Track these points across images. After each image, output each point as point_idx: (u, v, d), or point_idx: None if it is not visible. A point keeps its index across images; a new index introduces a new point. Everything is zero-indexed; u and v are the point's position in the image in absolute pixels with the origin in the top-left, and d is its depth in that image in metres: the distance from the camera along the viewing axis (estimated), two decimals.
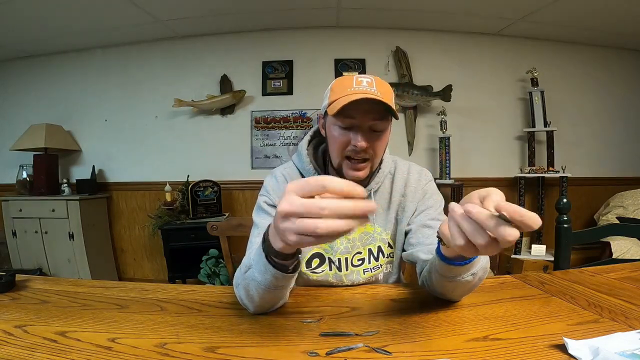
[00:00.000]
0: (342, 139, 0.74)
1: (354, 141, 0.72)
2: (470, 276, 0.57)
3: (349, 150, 0.74)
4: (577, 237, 1.11)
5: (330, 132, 0.76)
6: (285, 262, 0.53)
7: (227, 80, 2.98)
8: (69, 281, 0.82)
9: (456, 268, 0.55)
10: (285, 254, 0.51)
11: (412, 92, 2.81)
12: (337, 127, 0.74)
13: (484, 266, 0.59)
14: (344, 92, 0.70)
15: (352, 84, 0.71)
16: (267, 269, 0.53)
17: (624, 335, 0.48)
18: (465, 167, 2.94)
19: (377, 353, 0.47)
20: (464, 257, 0.53)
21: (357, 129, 0.72)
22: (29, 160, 2.83)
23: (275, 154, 2.98)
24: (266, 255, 0.53)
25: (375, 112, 0.71)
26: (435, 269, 0.59)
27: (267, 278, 0.54)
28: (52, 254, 2.72)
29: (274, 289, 0.56)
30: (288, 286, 0.59)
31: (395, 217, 0.85)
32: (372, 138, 0.73)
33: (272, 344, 0.51)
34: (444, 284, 0.60)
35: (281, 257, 0.52)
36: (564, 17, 2.60)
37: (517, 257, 2.67)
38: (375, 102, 0.68)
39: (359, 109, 0.70)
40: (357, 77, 0.72)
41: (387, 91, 0.73)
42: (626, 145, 3.09)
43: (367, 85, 0.70)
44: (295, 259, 0.54)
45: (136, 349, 0.49)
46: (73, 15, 2.47)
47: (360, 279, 0.84)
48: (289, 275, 0.54)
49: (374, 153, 0.75)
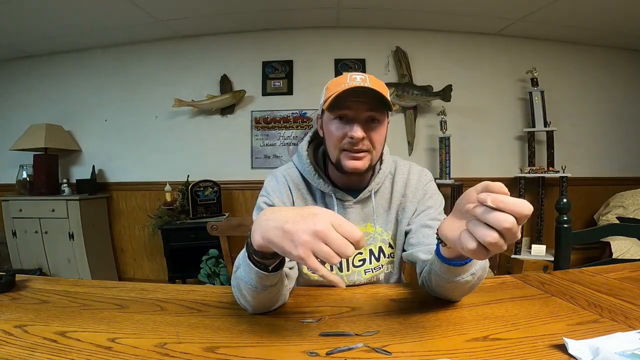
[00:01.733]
0: (338, 132, 0.74)
1: (350, 132, 0.72)
2: (470, 276, 0.57)
3: (345, 143, 0.74)
4: (577, 237, 1.11)
5: (328, 127, 0.77)
6: (265, 262, 0.53)
7: (227, 80, 2.98)
8: (69, 281, 0.82)
9: (455, 268, 0.55)
10: (264, 253, 0.51)
11: (412, 92, 2.81)
12: (334, 122, 0.75)
13: (483, 266, 0.59)
14: (338, 88, 0.71)
15: (345, 80, 0.72)
16: (251, 268, 0.54)
17: (624, 335, 0.48)
18: (465, 167, 2.94)
19: (377, 353, 0.47)
20: (463, 257, 0.53)
21: (353, 121, 0.73)
22: (29, 160, 2.83)
23: (275, 154, 2.98)
24: (249, 255, 0.53)
25: (369, 103, 0.72)
26: (435, 270, 0.59)
27: (252, 277, 0.54)
28: (52, 254, 2.72)
29: (262, 289, 0.56)
30: (277, 286, 0.58)
31: (396, 217, 0.85)
32: (368, 129, 0.73)
33: (272, 344, 0.51)
34: (443, 285, 0.60)
35: (260, 256, 0.52)
36: (564, 17, 2.60)
37: (517, 257, 2.67)
38: (368, 94, 0.69)
39: (354, 101, 0.71)
40: (351, 74, 0.73)
41: (381, 86, 0.73)
42: (626, 145, 3.09)
43: (360, 81, 0.71)
44: (277, 259, 0.53)
45: (136, 349, 0.49)
46: (73, 15, 2.47)
47: (361, 280, 0.84)
48: (271, 275, 0.54)
49: (371, 145, 0.75)
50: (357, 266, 0.84)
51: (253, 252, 0.52)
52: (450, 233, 0.48)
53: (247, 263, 0.54)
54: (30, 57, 3.10)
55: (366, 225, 0.84)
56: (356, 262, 0.84)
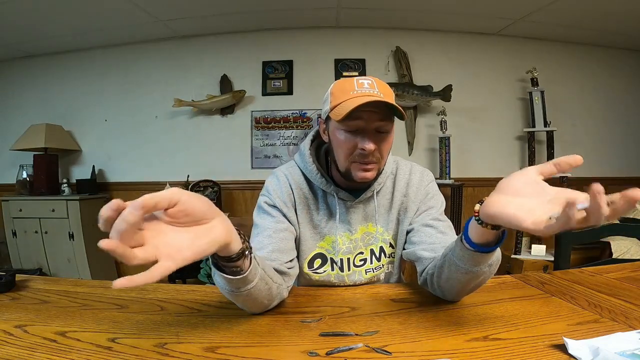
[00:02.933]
0: (349, 143, 0.72)
1: (362, 144, 0.70)
2: (487, 267, 0.57)
3: (356, 155, 0.72)
4: (577, 237, 1.11)
5: (336, 136, 0.74)
6: (226, 264, 0.51)
7: (227, 80, 2.98)
8: (69, 281, 0.82)
9: (479, 256, 0.54)
10: (221, 257, 0.49)
11: (412, 92, 2.81)
12: (343, 132, 0.72)
13: (498, 257, 0.58)
14: (346, 95, 0.69)
15: (353, 86, 0.70)
16: (217, 273, 0.53)
17: (624, 335, 0.48)
18: (465, 167, 2.94)
19: (377, 353, 0.47)
20: (491, 244, 0.53)
21: (364, 132, 0.71)
22: (29, 160, 2.83)
23: (275, 154, 2.98)
24: (214, 262, 0.52)
25: (380, 113, 0.70)
26: (453, 259, 0.58)
27: (222, 281, 0.54)
28: (52, 254, 2.71)
29: (237, 292, 0.55)
30: (255, 286, 0.55)
31: (397, 217, 0.85)
32: (378, 140, 0.71)
33: (272, 344, 0.51)
34: (456, 277, 0.59)
35: (225, 260, 0.50)
36: (564, 17, 2.60)
37: (517, 257, 2.67)
38: (380, 104, 0.67)
39: (365, 111, 0.69)
40: (357, 79, 0.71)
41: (389, 92, 0.72)
42: (626, 145, 3.09)
43: (368, 87, 0.69)
44: (235, 262, 0.51)
45: (136, 349, 0.49)
46: (73, 15, 2.47)
47: (362, 279, 0.84)
48: (234, 279, 0.52)
49: (380, 155, 0.73)
50: (358, 266, 0.84)
51: (218, 258, 0.50)
52: (504, 205, 0.44)
53: (214, 269, 0.53)
54: (30, 57, 3.10)
55: (367, 225, 0.84)
56: (357, 262, 0.84)
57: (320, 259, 0.83)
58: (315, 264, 0.83)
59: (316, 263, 0.83)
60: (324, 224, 0.82)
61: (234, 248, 0.48)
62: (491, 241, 0.53)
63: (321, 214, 0.82)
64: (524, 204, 0.43)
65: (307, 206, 0.83)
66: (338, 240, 0.82)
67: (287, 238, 0.76)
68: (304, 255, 0.82)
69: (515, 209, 0.43)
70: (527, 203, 0.43)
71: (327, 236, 0.83)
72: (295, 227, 0.81)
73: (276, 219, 0.78)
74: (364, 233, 0.84)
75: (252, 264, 0.53)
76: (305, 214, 0.82)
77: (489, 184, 2.92)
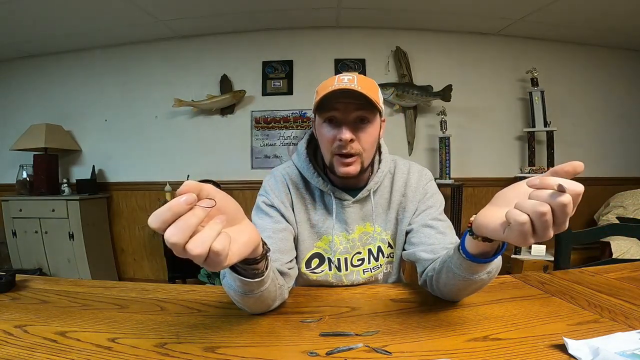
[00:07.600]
0: (329, 135, 0.74)
1: (339, 134, 0.71)
2: (486, 274, 0.56)
3: (336, 147, 0.73)
4: (577, 237, 1.11)
5: (319, 131, 0.77)
6: (247, 267, 0.51)
7: (227, 80, 2.98)
8: (69, 281, 0.82)
9: (476, 265, 0.54)
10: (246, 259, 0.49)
11: (412, 92, 2.81)
12: (324, 125, 0.74)
13: (498, 264, 0.58)
14: (326, 90, 0.71)
15: (334, 82, 0.72)
16: (234, 277, 0.53)
17: (624, 335, 0.48)
18: (465, 167, 2.93)
19: (377, 353, 0.47)
20: (488, 255, 0.53)
21: (342, 123, 0.72)
22: (29, 160, 2.83)
23: (275, 154, 2.98)
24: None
25: (357, 104, 0.71)
26: (451, 267, 0.58)
27: (237, 284, 0.54)
28: (52, 254, 2.72)
29: (250, 294, 0.55)
30: (267, 289, 0.56)
31: (396, 217, 0.84)
32: (357, 130, 0.73)
33: (272, 344, 0.51)
34: (455, 283, 0.59)
35: (248, 262, 0.51)
36: (564, 17, 2.60)
37: (517, 257, 2.67)
38: (354, 94, 0.69)
39: (341, 102, 0.71)
40: (339, 75, 0.73)
41: (370, 86, 0.72)
42: (626, 145, 3.09)
43: (348, 82, 0.70)
44: (258, 265, 0.52)
45: (136, 349, 0.49)
46: (73, 15, 2.47)
47: (359, 279, 0.84)
48: (254, 282, 0.53)
49: (361, 147, 0.74)
50: (355, 266, 0.84)
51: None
52: (490, 220, 0.45)
53: (230, 271, 0.53)
54: (30, 57, 3.10)
55: (365, 224, 0.84)
56: (355, 262, 0.84)
57: (318, 258, 0.83)
58: (313, 264, 0.83)
59: (314, 263, 0.83)
60: (321, 223, 0.82)
61: (259, 250, 0.49)
62: (488, 252, 0.52)
63: (318, 214, 0.82)
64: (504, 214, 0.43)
65: (304, 206, 0.83)
66: (335, 240, 0.82)
67: (286, 238, 0.76)
68: (301, 255, 0.83)
69: (500, 219, 0.43)
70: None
71: (325, 236, 0.83)
72: (293, 226, 0.81)
73: (275, 219, 0.78)
74: (362, 233, 0.83)
75: (269, 266, 0.54)
76: (303, 213, 0.82)
77: (489, 184, 2.94)
